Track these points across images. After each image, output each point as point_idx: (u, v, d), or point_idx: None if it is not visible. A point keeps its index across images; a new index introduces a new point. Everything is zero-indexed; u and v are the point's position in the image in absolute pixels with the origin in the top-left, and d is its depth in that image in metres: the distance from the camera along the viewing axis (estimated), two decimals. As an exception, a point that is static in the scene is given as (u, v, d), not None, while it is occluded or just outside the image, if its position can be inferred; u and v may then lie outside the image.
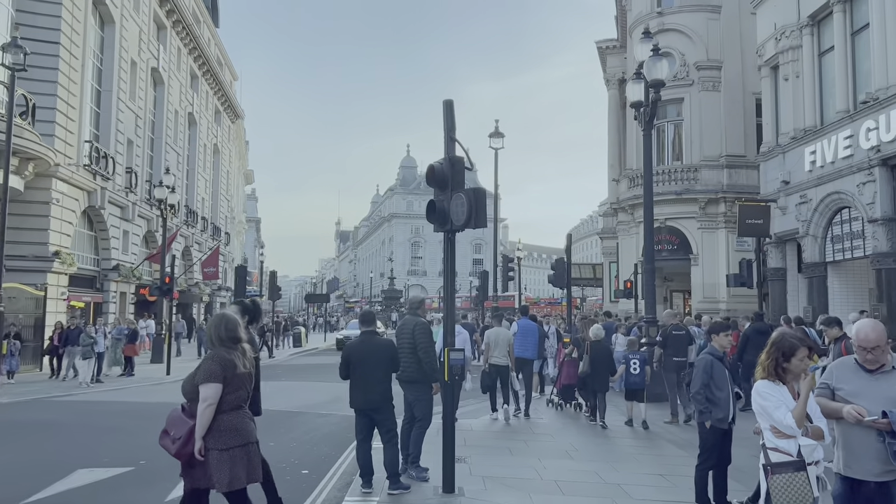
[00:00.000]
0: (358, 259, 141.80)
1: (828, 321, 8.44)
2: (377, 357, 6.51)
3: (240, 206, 73.85)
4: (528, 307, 14.90)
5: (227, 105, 54.25)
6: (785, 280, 16.60)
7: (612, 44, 36.81)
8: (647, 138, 14.21)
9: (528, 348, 12.48)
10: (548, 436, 10.03)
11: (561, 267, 16.57)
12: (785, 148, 16.04)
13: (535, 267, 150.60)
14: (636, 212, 27.45)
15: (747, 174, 25.88)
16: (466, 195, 5.90)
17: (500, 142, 24.25)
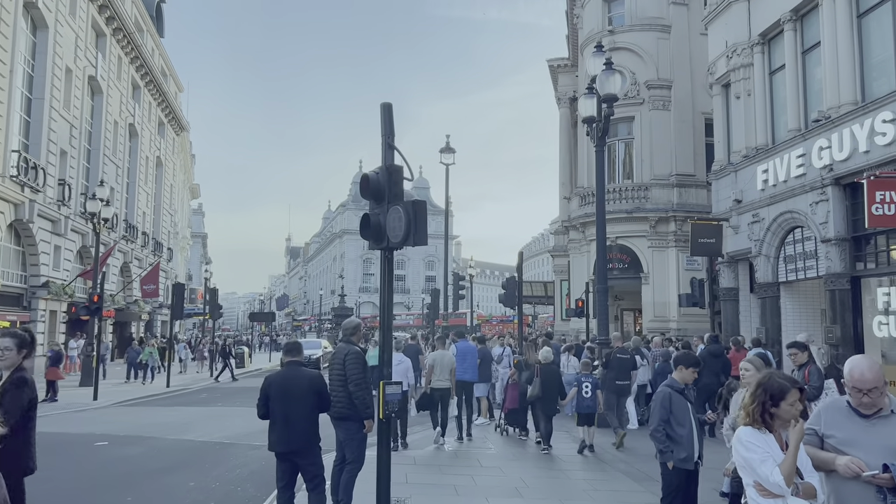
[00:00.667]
0: (308, 276, 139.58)
1: (795, 345, 7.98)
2: (300, 392, 5.71)
3: (184, 221, 71.72)
4: (464, 331, 14.47)
5: (171, 117, 52.62)
6: (737, 300, 16.37)
7: (563, 62, 36.92)
8: (600, 154, 13.81)
9: (468, 370, 12.26)
10: (496, 468, 9.35)
11: (511, 286, 16.00)
12: (737, 166, 15.86)
13: (487, 284, 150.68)
14: (587, 230, 27.21)
15: (697, 193, 25.96)
16: (405, 208, 5.23)
17: (451, 157, 23.72)
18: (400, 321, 77.89)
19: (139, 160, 43.76)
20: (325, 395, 5.90)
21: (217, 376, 27.87)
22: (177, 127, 55.52)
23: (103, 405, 18.44)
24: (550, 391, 10.96)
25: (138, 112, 42.93)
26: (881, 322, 11.54)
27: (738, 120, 16.01)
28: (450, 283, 25.63)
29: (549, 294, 43.33)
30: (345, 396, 6.25)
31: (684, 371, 5.48)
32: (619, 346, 12.51)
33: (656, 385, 13.20)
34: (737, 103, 16.08)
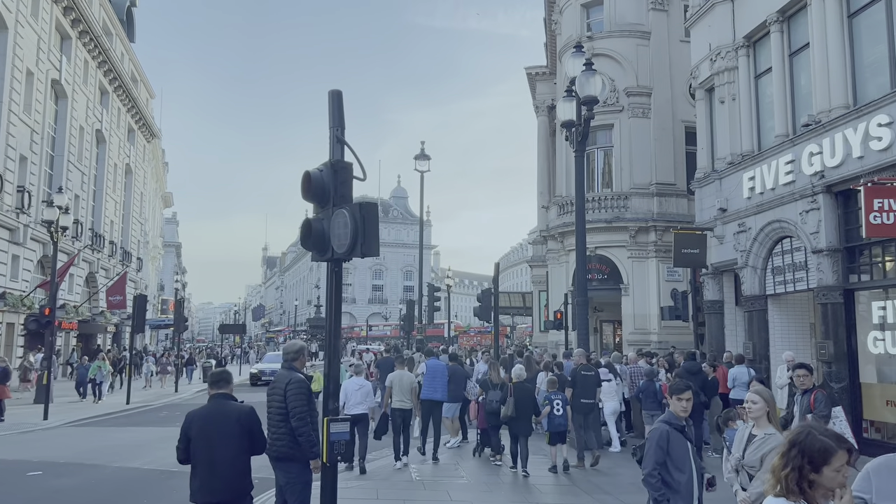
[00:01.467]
0: (285, 286, 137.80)
1: (804, 366, 7.21)
2: (228, 431, 4.77)
3: (156, 230, 70.16)
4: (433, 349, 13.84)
5: (142, 124, 51.30)
6: (722, 313, 15.69)
7: (541, 70, 36.48)
8: (580, 159, 13.07)
9: (438, 389, 11.91)
10: (467, 503, 8.45)
11: (487, 298, 15.16)
12: (722, 174, 15.22)
13: (465, 294, 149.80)
14: (566, 239, 26.57)
15: (677, 202, 25.44)
16: (351, 212, 4.38)
17: (425, 164, 22.93)
18: (377, 332, 76.85)
19: (107, 167, 42.44)
20: (258, 434, 4.97)
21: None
22: (148, 134, 54.17)
23: (53, 425, 17.28)
24: (525, 411, 10.58)
25: (106, 118, 41.64)
26: (877, 338, 10.89)
27: (723, 125, 15.39)
28: (425, 294, 24.76)
29: (528, 305, 42.60)
30: (286, 433, 5.37)
31: (677, 401, 4.67)
32: (583, 363, 12.02)
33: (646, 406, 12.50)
34: (721, 108, 15.46)
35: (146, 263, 58.22)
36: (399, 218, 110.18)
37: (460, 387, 12.98)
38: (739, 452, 4.76)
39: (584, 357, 12.61)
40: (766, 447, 4.62)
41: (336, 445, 4.63)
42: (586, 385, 11.64)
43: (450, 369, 12.70)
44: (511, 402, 10.55)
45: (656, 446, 4.49)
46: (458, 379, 12.94)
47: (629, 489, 9.42)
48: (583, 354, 12.72)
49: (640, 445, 4.81)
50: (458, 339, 59.19)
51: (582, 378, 11.64)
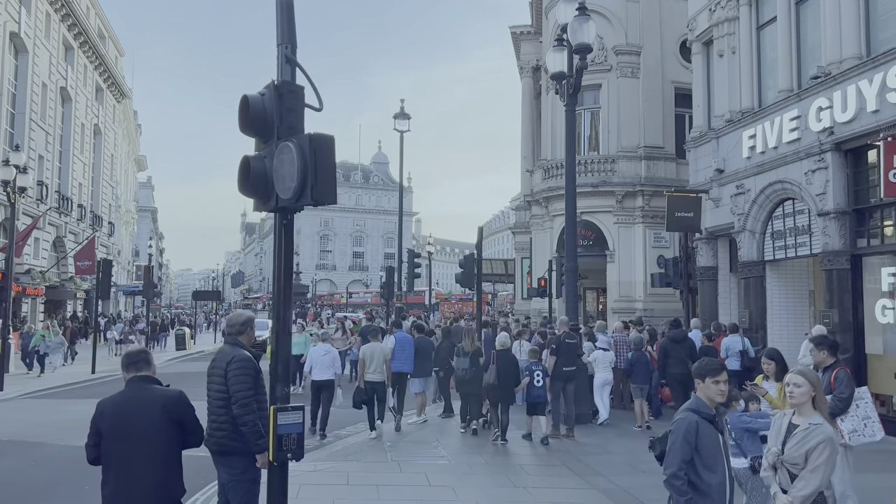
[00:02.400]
0: (264, 252, 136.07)
1: (819, 341, 6.40)
2: (149, 423, 3.81)
3: (129, 194, 68.30)
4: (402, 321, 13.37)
5: (111, 83, 49.29)
6: (716, 280, 14.93)
7: (526, 29, 35.17)
8: (570, 114, 12.12)
9: (405, 362, 11.83)
10: (447, 489, 7.61)
11: (469, 264, 14.23)
12: (719, 132, 14.33)
13: (447, 262, 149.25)
14: (551, 205, 25.70)
15: (665, 167, 24.63)
16: (299, 146, 3.40)
17: (405, 124, 21.82)
18: (358, 299, 76.02)
19: (73, 127, 40.70)
20: (190, 423, 4.00)
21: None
22: (118, 94, 52.17)
23: (8, 397, 16.27)
24: (507, 380, 10.40)
25: (71, 75, 39.77)
26: (886, 307, 10.17)
27: (721, 81, 14.46)
28: (405, 261, 23.84)
29: (510, 272, 41.83)
30: (227, 421, 4.47)
31: (706, 384, 3.80)
32: (566, 331, 11.69)
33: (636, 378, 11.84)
34: (719, 62, 14.51)
35: (118, 228, 56.64)
36: (380, 184, 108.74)
37: (427, 360, 12.37)
38: (777, 446, 3.93)
39: (566, 325, 12.18)
40: (812, 440, 3.79)
41: (285, 441, 3.72)
42: (569, 353, 11.29)
43: (416, 342, 12.18)
44: (493, 370, 10.26)
45: (682, 440, 3.63)
46: (425, 352, 12.32)
47: (622, 469, 8.69)
48: (566, 322, 12.27)
49: (660, 438, 3.95)
50: (439, 307, 58.53)
51: (566, 346, 11.26)
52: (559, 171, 25.36)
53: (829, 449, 3.75)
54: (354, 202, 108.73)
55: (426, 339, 12.79)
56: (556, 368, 11.06)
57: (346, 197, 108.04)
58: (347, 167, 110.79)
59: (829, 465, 3.75)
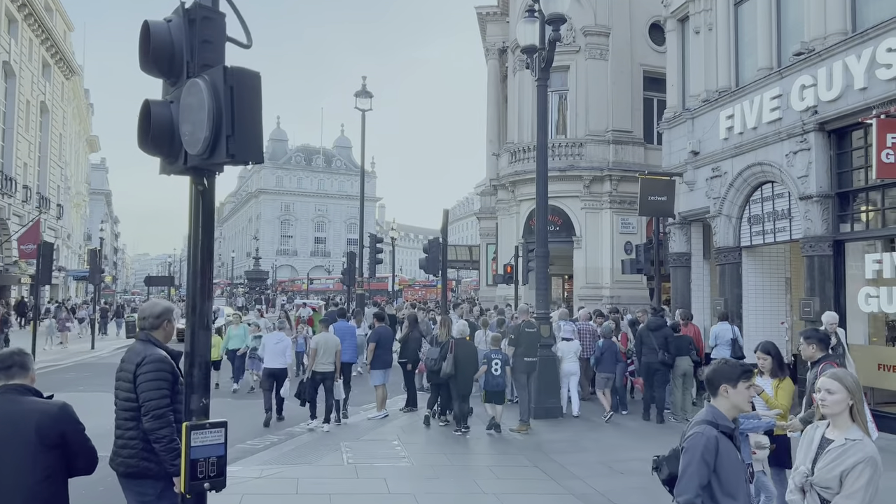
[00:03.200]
0: (223, 237, 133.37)
1: (808, 334, 5.79)
2: (18, 444, 2.98)
3: (80, 176, 65.84)
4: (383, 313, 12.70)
5: (59, 58, 47.04)
6: (689, 267, 14.42)
7: (492, 10, 34.37)
8: (543, 89, 11.40)
9: (347, 351, 11.70)
10: (409, 497, 6.86)
11: (435, 249, 13.38)
12: (694, 113, 13.75)
13: (410, 248, 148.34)
14: (518, 189, 25.08)
15: (634, 151, 24.23)
16: (211, 84, 2.53)
17: (367, 102, 20.88)
18: (319, 285, 74.68)
19: (18, 104, 38.64)
20: (75, 443, 3.19)
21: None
22: (66, 70, 49.85)
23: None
24: (466, 368, 10.22)
25: (14, 49, 37.67)
26: (869, 295, 9.70)
27: (697, 59, 13.88)
28: (367, 246, 22.98)
29: (475, 259, 41.23)
30: (137, 437, 3.64)
31: (737, 391, 3.08)
32: (527, 320, 11.30)
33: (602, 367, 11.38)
34: (695, 40, 13.92)
35: (68, 211, 54.48)
36: (343, 168, 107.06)
37: (388, 351, 11.77)
38: (807, 465, 3.25)
39: (525, 314, 11.82)
40: (849, 460, 3.12)
41: (201, 466, 2.90)
42: (530, 343, 10.83)
43: (377, 332, 11.71)
44: (451, 359, 10.04)
45: (700, 461, 2.92)
46: (386, 343, 11.73)
47: (598, 470, 8.06)
48: (525, 311, 11.87)
49: (667, 457, 3.23)
50: (402, 294, 57.71)
51: (526, 336, 10.79)
52: (526, 155, 24.74)
53: (869, 470, 3.09)
54: (316, 187, 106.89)
55: (386, 328, 12.14)
56: (518, 359, 10.66)
57: (307, 181, 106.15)
58: (309, 151, 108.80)
59: (869, 489, 3.08)
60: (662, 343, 11.11)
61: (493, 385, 10.19)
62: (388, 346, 11.75)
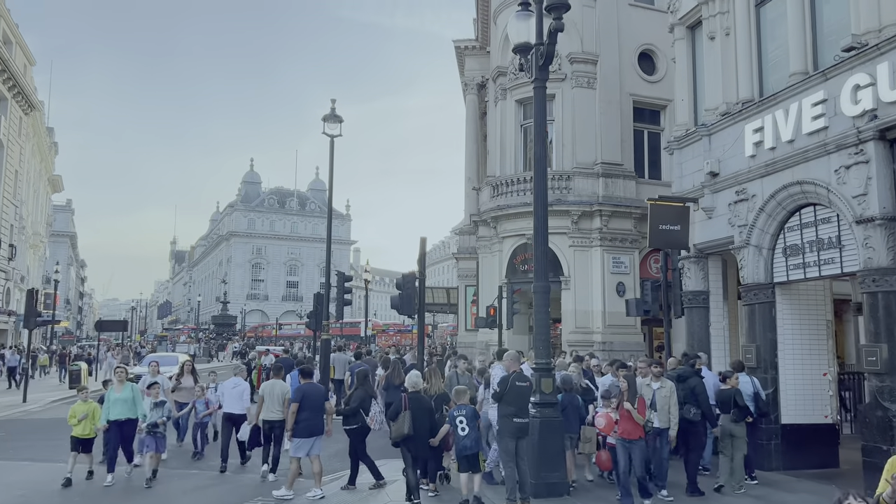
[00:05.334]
0: (193, 281, 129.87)
1: None
2: None
3: (40, 216, 62.87)
4: (311, 369, 10.62)
5: (16, 91, 44.77)
6: (707, 307, 12.41)
7: (470, 44, 33.21)
8: (541, 92, 9.51)
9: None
10: None
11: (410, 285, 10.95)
12: (711, 128, 11.92)
13: (385, 292, 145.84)
14: (500, 225, 23.19)
15: (625, 185, 22.58)
16: None
17: (336, 127, 18.94)
18: (289, 331, 71.71)
19: (-34, 137, 36.26)
20: None
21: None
22: (25, 105, 47.52)
23: None
24: (422, 428, 8.85)
25: (-35, 79, 35.48)
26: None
27: (712, 68, 12.13)
28: (334, 285, 20.74)
29: (452, 302, 39.07)
30: None
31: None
32: (516, 371, 9.28)
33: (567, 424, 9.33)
34: (710, 47, 12.19)
35: (22, 252, 51.45)
36: (317, 211, 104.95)
37: (317, 415, 9.51)
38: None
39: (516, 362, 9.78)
40: None
41: None
42: (520, 400, 8.81)
43: (303, 390, 9.60)
44: (406, 417, 8.65)
45: None
46: (313, 403, 9.50)
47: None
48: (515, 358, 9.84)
49: None
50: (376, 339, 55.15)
51: (515, 390, 8.75)
52: (509, 188, 22.94)
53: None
54: (290, 230, 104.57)
55: (315, 386, 10.13)
56: (504, 421, 8.68)
57: (280, 224, 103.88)
58: (283, 193, 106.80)
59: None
60: (690, 397, 9.11)
61: (461, 448, 8.58)
62: (317, 407, 9.54)
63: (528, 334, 24.82)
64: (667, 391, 9.03)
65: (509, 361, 10.11)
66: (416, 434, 8.66)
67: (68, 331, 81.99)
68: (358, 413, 9.75)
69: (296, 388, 9.81)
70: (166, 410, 10.82)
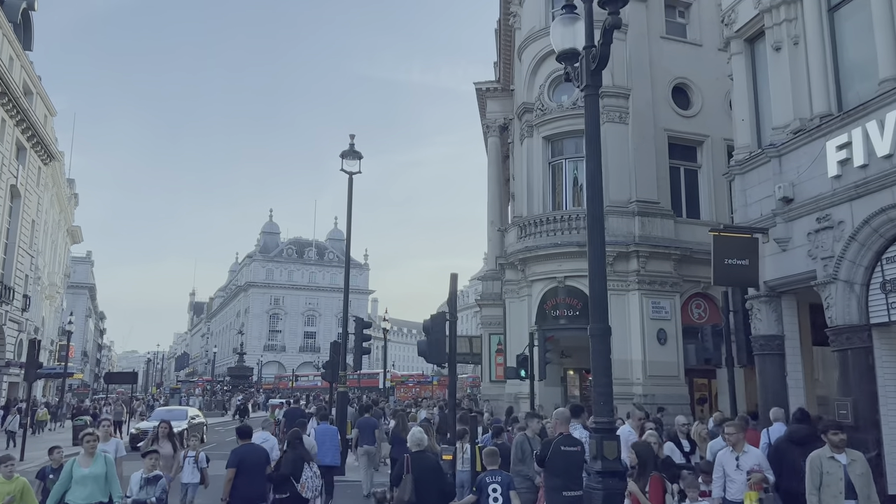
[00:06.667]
0: (211, 332, 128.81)
1: None
2: None
3: (58, 267, 62.28)
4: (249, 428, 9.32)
5: (35, 142, 44.53)
6: (782, 354, 10.75)
7: (492, 86, 32.57)
8: (593, 101, 8.17)
9: (328, 454, 12.06)
10: None
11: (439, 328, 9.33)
12: (782, 149, 10.50)
13: (403, 342, 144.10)
14: (529, 267, 21.77)
15: (662, 224, 21.15)
16: None
17: (355, 164, 17.77)
18: (305, 382, 69.95)
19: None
20: None
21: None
22: (44, 155, 47.30)
23: None
24: (429, 494, 7.29)
25: (-19, 126, 35.13)
26: None
27: (779, 83, 10.79)
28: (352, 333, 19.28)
29: (475, 351, 37.39)
30: None
31: None
32: (563, 433, 7.92)
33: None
34: (775, 60, 10.87)
35: (36, 303, 50.57)
36: (335, 261, 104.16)
37: (257, 481, 8.50)
38: None
39: (565, 423, 8.27)
40: None
41: None
42: (570, 468, 7.53)
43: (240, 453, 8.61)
44: (409, 482, 7.25)
45: None
46: (252, 468, 8.50)
47: None
48: (565, 419, 8.36)
49: None
50: (394, 390, 53.27)
51: (562, 456, 7.49)
52: (538, 229, 21.58)
53: None
54: (308, 279, 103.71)
55: (255, 447, 8.97)
56: (552, 494, 7.36)
57: (298, 274, 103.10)
58: (301, 243, 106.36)
59: None
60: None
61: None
62: (257, 473, 8.42)
63: (560, 386, 23.11)
64: (861, 467, 6.69)
65: (557, 421, 8.54)
66: (422, 500, 7.24)
67: (84, 383, 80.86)
68: (288, 480, 8.48)
69: (232, 450, 8.72)
70: (160, 490, 8.26)
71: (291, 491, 8.48)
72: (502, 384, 25.19)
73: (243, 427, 9.14)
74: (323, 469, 10.66)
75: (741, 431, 7.64)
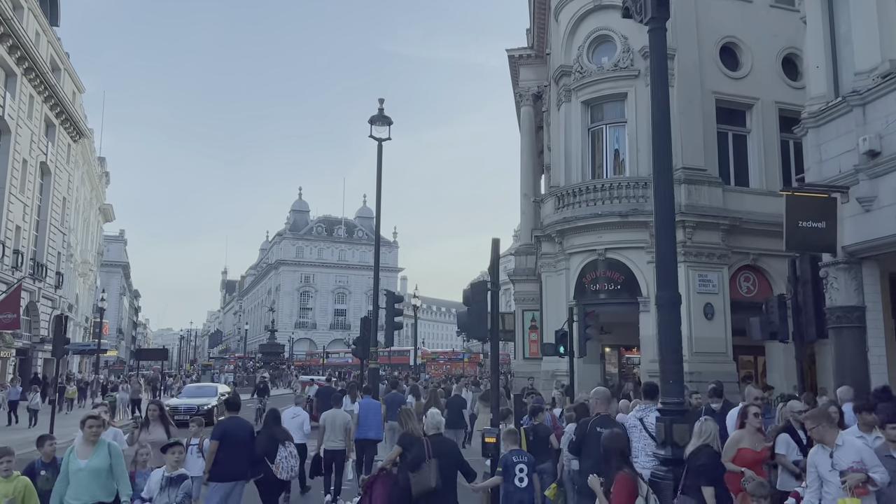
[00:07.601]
0: (243, 310, 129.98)
1: None
2: None
3: (90, 245, 62.70)
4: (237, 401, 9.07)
5: (64, 118, 44.38)
6: (862, 327, 9.64)
7: (525, 53, 31.25)
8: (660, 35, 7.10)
9: (372, 427, 12.17)
10: None
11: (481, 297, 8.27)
12: (866, 96, 9.31)
13: (433, 320, 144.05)
14: (567, 240, 20.71)
15: (710, 193, 19.91)
16: None
17: (384, 130, 16.83)
18: (336, 359, 69.85)
19: (11, 161, 35.57)
20: None
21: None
22: (73, 132, 47.18)
23: None
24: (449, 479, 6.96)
25: (11, 103, 34.83)
26: None
27: (863, 22, 9.57)
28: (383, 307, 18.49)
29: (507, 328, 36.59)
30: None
31: None
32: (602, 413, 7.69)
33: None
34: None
35: (70, 280, 50.83)
36: (364, 239, 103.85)
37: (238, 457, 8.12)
38: None
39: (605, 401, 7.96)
40: None
41: None
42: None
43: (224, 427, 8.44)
44: (433, 466, 6.73)
45: None
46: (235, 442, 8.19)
47: None
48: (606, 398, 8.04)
49: None
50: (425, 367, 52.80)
51: (595, 438, 7.01)
52: (577, 199, 20.47)
53: None
54: (337, 257, 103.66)
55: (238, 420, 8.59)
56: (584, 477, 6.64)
57: (328, 252, 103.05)
58: (331, 221, 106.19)
59: None
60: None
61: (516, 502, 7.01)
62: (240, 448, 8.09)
63: (599, 363, 22.16)
64: None
65: (597, 400, 8.07)
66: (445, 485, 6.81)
67: (120, 360, 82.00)
68: (262, 461, 8.33)
69: (217, 424, 8.82)
70: (182, 494, 6.76)
71: (266, 472, 8.31)
72: (536, 361, 24.34)
73: (232, 399, 8.95)
74: (366, 442, 11.76)
75: (826, 421, 5.66)
